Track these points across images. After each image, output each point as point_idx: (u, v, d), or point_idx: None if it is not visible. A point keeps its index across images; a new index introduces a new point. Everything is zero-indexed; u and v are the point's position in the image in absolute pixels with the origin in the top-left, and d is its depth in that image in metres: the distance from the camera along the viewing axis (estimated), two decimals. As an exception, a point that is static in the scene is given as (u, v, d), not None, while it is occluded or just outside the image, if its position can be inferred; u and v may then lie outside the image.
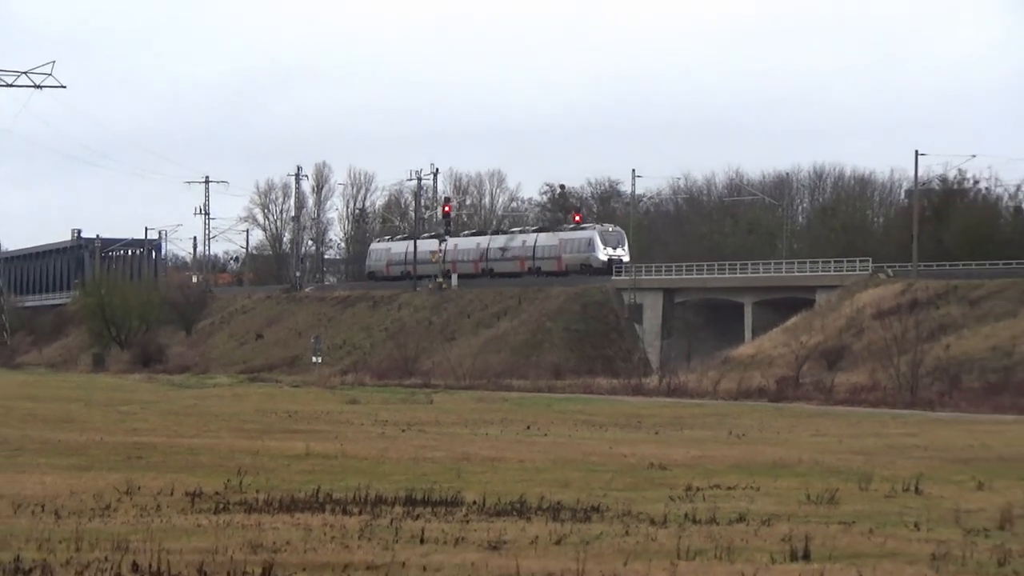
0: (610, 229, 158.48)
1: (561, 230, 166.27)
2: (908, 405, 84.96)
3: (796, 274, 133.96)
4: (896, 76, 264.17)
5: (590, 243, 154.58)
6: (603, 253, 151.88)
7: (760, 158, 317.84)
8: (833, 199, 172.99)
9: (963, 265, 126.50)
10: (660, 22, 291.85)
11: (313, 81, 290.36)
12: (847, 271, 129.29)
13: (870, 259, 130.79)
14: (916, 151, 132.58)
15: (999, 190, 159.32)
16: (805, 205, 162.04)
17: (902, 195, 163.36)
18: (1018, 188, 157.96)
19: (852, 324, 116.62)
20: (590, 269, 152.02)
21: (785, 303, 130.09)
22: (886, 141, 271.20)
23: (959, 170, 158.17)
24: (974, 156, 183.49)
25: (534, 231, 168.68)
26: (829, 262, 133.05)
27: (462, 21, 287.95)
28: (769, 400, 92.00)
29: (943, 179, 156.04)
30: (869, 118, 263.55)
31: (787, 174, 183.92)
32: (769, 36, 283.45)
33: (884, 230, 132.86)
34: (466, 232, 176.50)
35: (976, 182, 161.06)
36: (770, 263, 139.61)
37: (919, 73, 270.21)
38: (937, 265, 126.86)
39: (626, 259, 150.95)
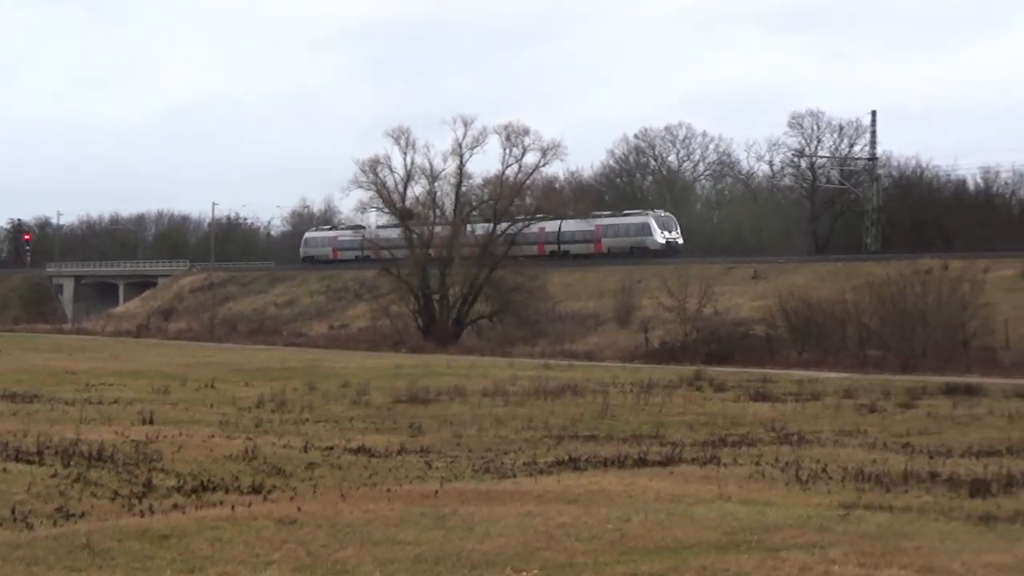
0: (663, 214, 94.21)
1: (598, 216, 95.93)
2: (209, 340, 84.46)
3: (148, 268, 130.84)
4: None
5: (643, 227, 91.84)
6: (660, 236, 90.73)
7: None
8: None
9: (240, 263, 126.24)
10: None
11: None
12: (175, 267, 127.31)
13: (188, 260, 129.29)
14: (213, 202, 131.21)
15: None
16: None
17: (205, 226, 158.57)
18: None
19: (178, 295, 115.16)
20: (646, 251, 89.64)
21: (142, 283, 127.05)
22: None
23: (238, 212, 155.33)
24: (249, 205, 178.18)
25: (553, 219, 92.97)
26: (169, 262, 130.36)
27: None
28: (133, 337, 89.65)
29: (228, 217, 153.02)
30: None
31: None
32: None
33: (196, 244, 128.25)
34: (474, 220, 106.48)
35: (246, 219, 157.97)
36: (132, 261, 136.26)
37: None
38: (224, 263, 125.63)
39: (680, 241, 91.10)
